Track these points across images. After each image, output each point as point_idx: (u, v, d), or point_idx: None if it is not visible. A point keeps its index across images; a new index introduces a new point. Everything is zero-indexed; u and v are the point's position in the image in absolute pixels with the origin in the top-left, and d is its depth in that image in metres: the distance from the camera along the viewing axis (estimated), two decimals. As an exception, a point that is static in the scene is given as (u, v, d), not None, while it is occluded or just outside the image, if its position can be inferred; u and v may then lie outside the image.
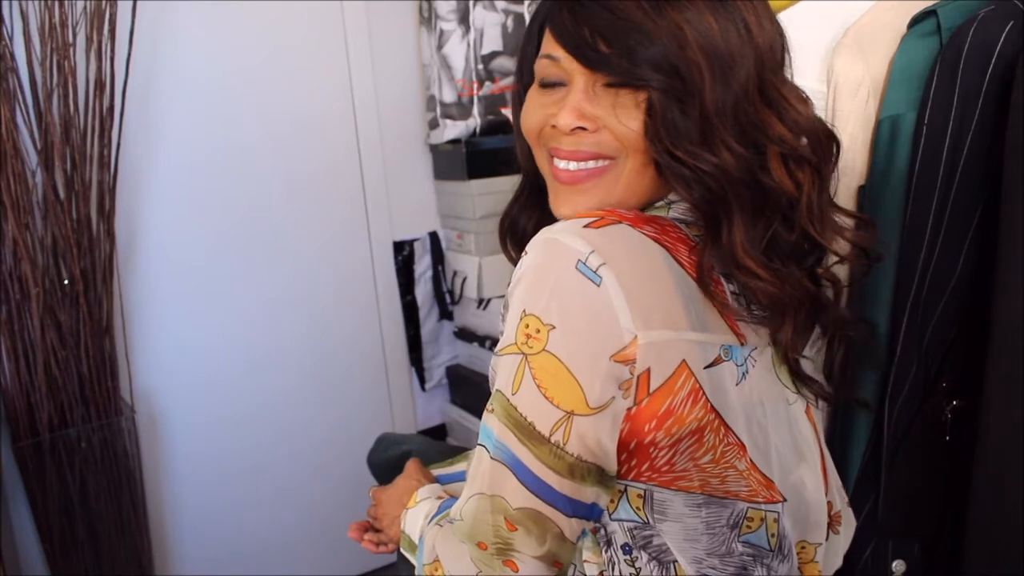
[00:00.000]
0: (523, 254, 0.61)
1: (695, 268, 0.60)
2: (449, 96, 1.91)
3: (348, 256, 2.01)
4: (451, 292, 2.10)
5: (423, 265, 2.11)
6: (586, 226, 0.59)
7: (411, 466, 0.96)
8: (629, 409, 0.58)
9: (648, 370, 0.57)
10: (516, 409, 0.58)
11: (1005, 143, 0.77)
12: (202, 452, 1.85)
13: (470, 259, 1.97)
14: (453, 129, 1.91)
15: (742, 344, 0.62)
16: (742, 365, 0.62)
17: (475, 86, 1.90)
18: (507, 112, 1.95)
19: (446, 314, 2.14)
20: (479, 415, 2.25)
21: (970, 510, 0.81)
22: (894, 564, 0.93)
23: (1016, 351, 0.74)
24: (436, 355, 2.17)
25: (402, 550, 0.83)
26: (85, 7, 1.48)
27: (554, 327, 0.56)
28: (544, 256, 0.59)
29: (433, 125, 1.97)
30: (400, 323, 2.10)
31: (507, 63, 1.94)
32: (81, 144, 1.50)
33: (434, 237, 2.11)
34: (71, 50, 1.45)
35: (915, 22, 0.91)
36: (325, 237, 1.97)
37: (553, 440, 0.57)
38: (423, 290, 2.12)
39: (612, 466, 0.60)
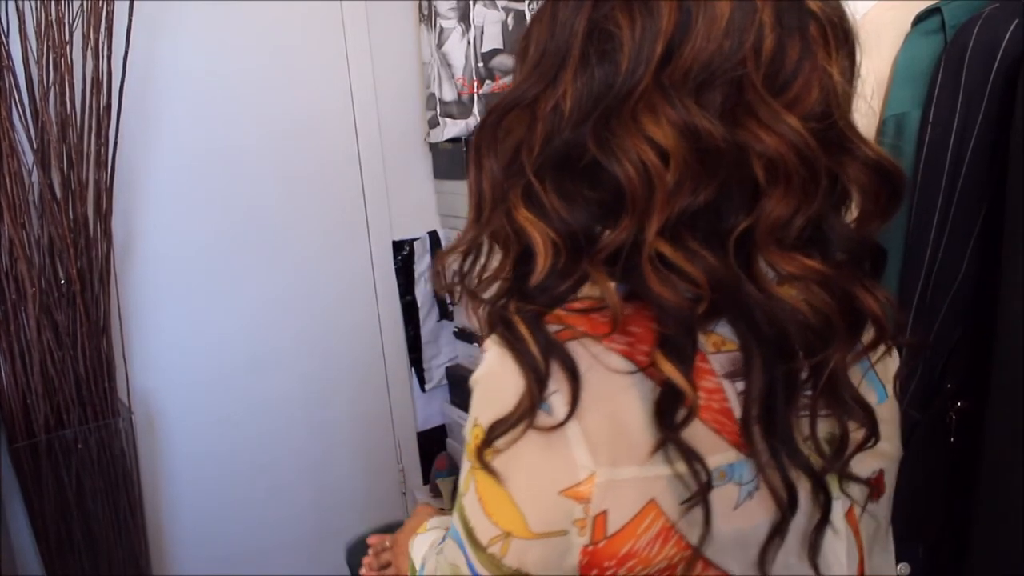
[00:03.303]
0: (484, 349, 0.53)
1: (657, 400, 0.50)
2: (449, 94, 1.90)
3: (348, 256, 2.00)
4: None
5: (423, 265, 2.10)
6: None
7: (421, 507, 0.97)
8: (585, 546, 0.50)
9: (605, 512, 0.49)
10: (464, 509, 0.53)
11: (1010, 141, 0.76)
12: (199, 453, 1.84)
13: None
14: (453, 128, 1.90)
15: (750, 455, 0.51)
16: (749, 482, 0.51)
17: (475, 84, 1.89)
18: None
19: (446, 314, 2.13)
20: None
21: (975, 512, 0.81)
22: (899, 567, 0.92)
23: (1021, 353, 0.73)
24: (436, 355, 2.16)
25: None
26: (82, 5, 1.47)
27: (501, 451, 0.50)
28: (497, 366, 0.50)
29: (433, 124, 1.96)
30: (400, 323, 2.09)
31: (508, 61, 1.93)
32: (78, 143, 1.49)
33: (434, 236, 2.10)
34: (68, 48, 1.45)
35: (919, 20, 0.90)
36: (324, 237, 1.96)
37: (490, 552, 0.52)
38: (423, 290, 2.11)
39: None
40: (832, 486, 0.54)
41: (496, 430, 0.49)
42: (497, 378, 0.51)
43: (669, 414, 0.48)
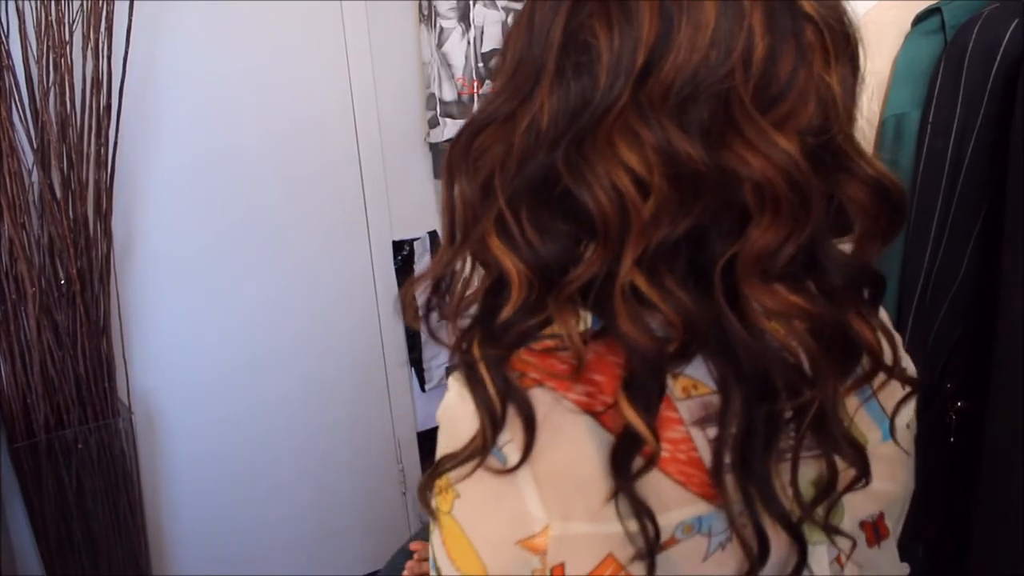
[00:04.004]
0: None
1: (613, 444, 0.47)
2: (449, 94, 1.90)
3: (347, 256, 2.00)
4: (451, 292, 2.08)
5: (423, 265, 2.10)
6: None
7: None
8: None
9: (562, 564, 0.47)
10: (433, 548, 0.52)
11: (1010, 141, 0.76)
12: (200, 453, 1.84)
13: (469, 259, 1.96)
14: (453, 128, 1.90)
15: (721, 506, 0.47)
16: (721, 533, 0.48)
17: (475, 84, 1.89)
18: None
19: (446, 314, 2.13)
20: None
21: (975, 512, 0.81)
22: (898, 567, 0.92)
23: (1021, 353, 0.73)
24: (436, 355, 2.16)
25: None
26: (82, 5, 1.47)
27: (458, 495, 0.48)
28: (456, 402, 0.49)
29: (433, 124, 1.96)
30: (400, 323, 2.09)
31: (507, 62, 1.93)
32: (78, 143, 1.49)
33: (434, 236, 2.10)
34: (68, 48, 1.45)
35: (919, 20, 0.90)
36: (324, 237, 1.96)
37: None
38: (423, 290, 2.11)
39: None
40: (816, 533, 0.51)
41: (446, 462, 0.47)
42: (454, 413, 0.49)
43: (625, 462, 0.45)
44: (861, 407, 0.54)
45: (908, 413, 0.56)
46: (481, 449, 0.46)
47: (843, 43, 0.46)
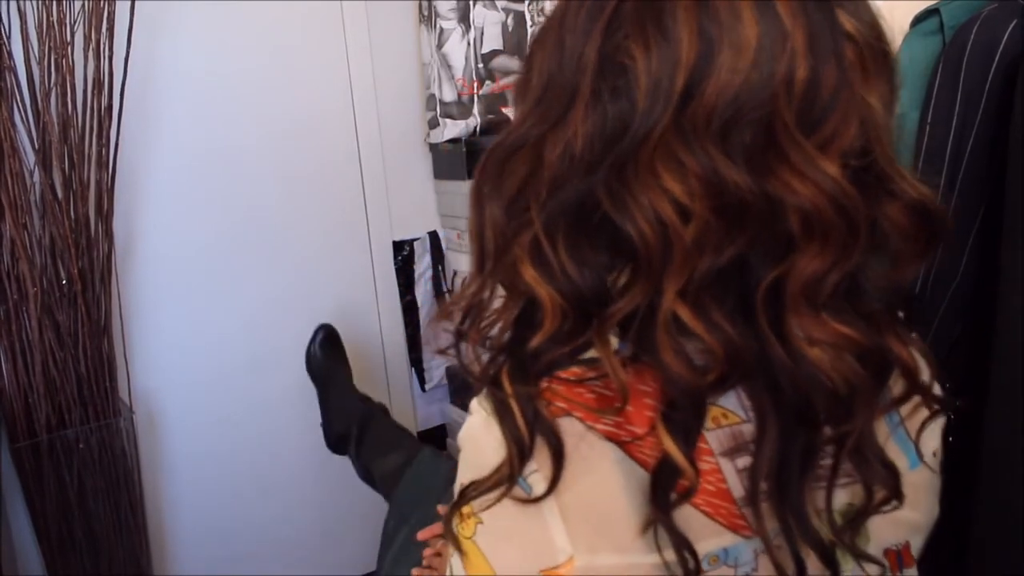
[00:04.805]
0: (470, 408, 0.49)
1: (651, 474, 0.46)
2: (449, 95, 1.90)
3: (348, 256, 2.00)
4: (451, 292, 2.09)
5: (423, 265, 2.10)
6: None
7: None
8: None
9: None
10: (451, 570, 0.52)
11: (1008, 140, 0.76)
12: (201, 452, 1.85)
13: (470, 259, 1.96)
14: (453, 128, 1.90)
15: (749, 536, 0.47)
16: (747, 563, 0.48)
17: (475, 85, 1.89)
18: (507, 111, 1.94)
19: (446, 314, 2.13)
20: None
21: (975, 512, 0.81)
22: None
23: (1021, 350, 0.73)
24: (436, 356, 2.16)
25: None
26: (83, 6, 1.47)
27: (481, 522, 0.48)
28: (481, 430, 0.48)
29: (433, 124, 1.96)
30: (400, 323, 2.09)
31: (507, 62, 1.93)
32: (79, 143, 1.49)
33: (434, 237, 2.10)
34: (69, 49, 1.45)
35: (917, 20, 0.90)
36: (324, 237, 1.96)
37: None
38: (423, 290, 2.11)
39: None
40: (847, 561, 0.50)
41: (471, 491, 0.47)
42: (480, 442, 0.48)
43: (663, 494, 0.44)
44: (890, 436, 0.52)
45: (935, 438, 0.55)
46: (508, 478, 0.45)
47: (882, 61, 0.44)
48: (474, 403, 0.49)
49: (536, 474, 0.45)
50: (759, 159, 0.41)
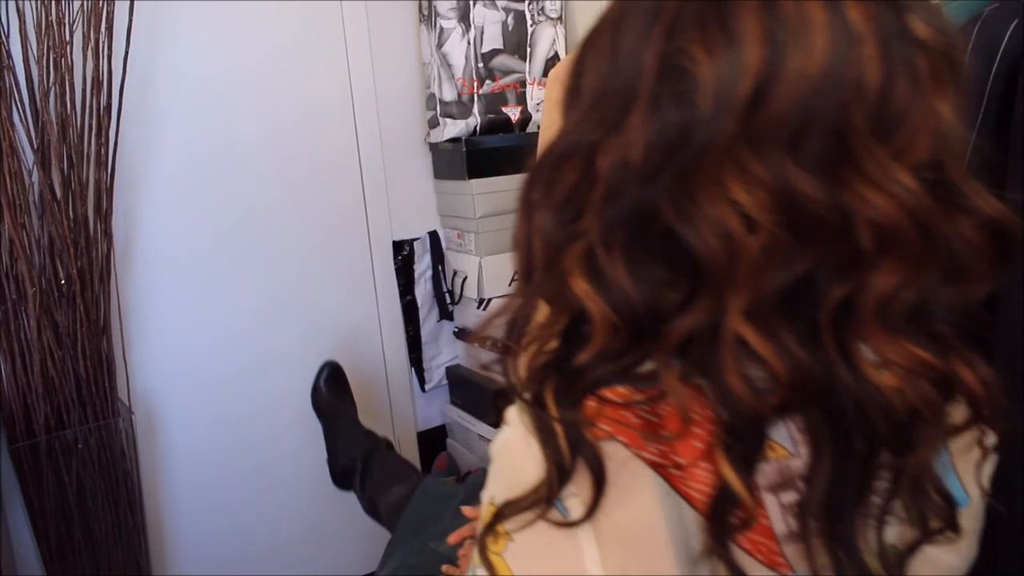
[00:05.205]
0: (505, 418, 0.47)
1: (708, 504, 0.43)
2: (449, 94, 1.90)
3: (348, 256, 2.00)
4: (451, 292, 2.09)
5: (423, 265, 2.10)
6: None
7: None
8: None
9: None
10: None
11: (1010, 140, 0.76)
12: (200, 453, 1.84)
13: (470, 259, 1.96)
14: (453, 128, 1.90)
15: (787, 574, 0.46)
16: None
17: (475, 84, 1.89)
18: (508, 111, 1.94)
19: (446, 314, 2.13)
20: (479, 416, 2.25)
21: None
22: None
23: (1021, 351, 0.73)
24: (436, 356, 2.16)
25: None
26: (82, 5, 1.47)
27: (512, 540, 0.46)
28: (519, 446, 0.45)
29: (433, 124, 1.96)
30: (400, 323, 2.09)
31: (507, 61, 1.93)
32: (78, 143, 1.49)
33: (434, 237, 2.10)
34: (68, 48, 1.45)
35: (919, 19, 0.90)
36: (324, 236, 1.96)
37: None
38: (423, 290, 2.11)
39: None
40: None
41: (506, 511, 0.45)
42: (517, 459, 0.46)
43: (722, 524, 0.42)
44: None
45: (985, 475, 0.52)
46: (545, 500, 0.43)
47: (952, 69, 0.42)
48: (512, 415, 0.47)
49: (574, 498, 0.43)
50: (831, 169, 0.39)
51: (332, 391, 1.72)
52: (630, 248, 0.42)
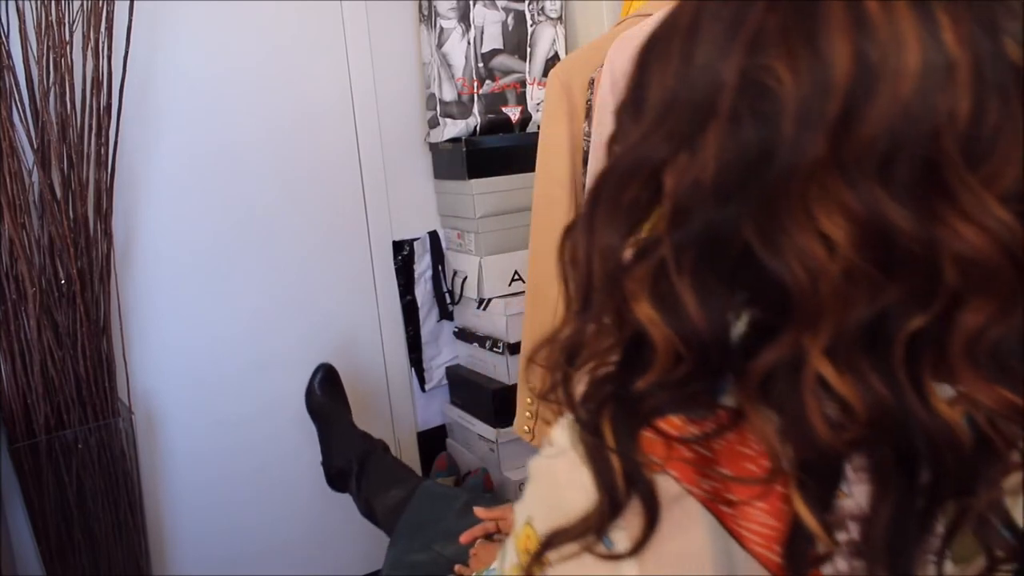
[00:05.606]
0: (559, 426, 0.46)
1: (781, 549, 0.42)
2: (449, 94, 1.90)
3: (348, 256, 2.00)
4: (451, 292, 2.09)
5: (423, 265, 2.10)
6: None
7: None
8: None
9: None
10: None
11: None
12: (200, 453, 1.84)
13: (470, 259, 1.96)
14: (453, 128, 1.90)
15: None
16: None
17: (475, 84, 1.89)
18: (508, 111, 1.94)
19: (446, 314, 2.13)
20: (479, 416, 2.25)
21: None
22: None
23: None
24: (436, 356, 2.16)
25: None
26: (82, 5, 1.47)
27: (551, 566, 0.45)
28: (568, 472, 0.44)
29: (433, 124, 1.96)
30: (400, 323, 2.09)
31: (508, 61, 1.93)
32: (78, 143, 1.49)
33: (434, 236, 2.10)
34: (68, 48, 1.45)
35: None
36: (324, 236, 1.96)
37: None
38: (423, 290, 2.11)
39: None
40: None
41: (552, 543, 0.43)
42: (562, 483, 0.45)
43: (798, 563, 0.40)
44: None
45: None
46: (594, 531, 0.42)
47: None
48: (560, 437, 0.45)
49: (621, 531, 0.42)
50: (923, 200, 0.36)
51: (326, 393, 1.72)
52: (700, 272, 0.40)
